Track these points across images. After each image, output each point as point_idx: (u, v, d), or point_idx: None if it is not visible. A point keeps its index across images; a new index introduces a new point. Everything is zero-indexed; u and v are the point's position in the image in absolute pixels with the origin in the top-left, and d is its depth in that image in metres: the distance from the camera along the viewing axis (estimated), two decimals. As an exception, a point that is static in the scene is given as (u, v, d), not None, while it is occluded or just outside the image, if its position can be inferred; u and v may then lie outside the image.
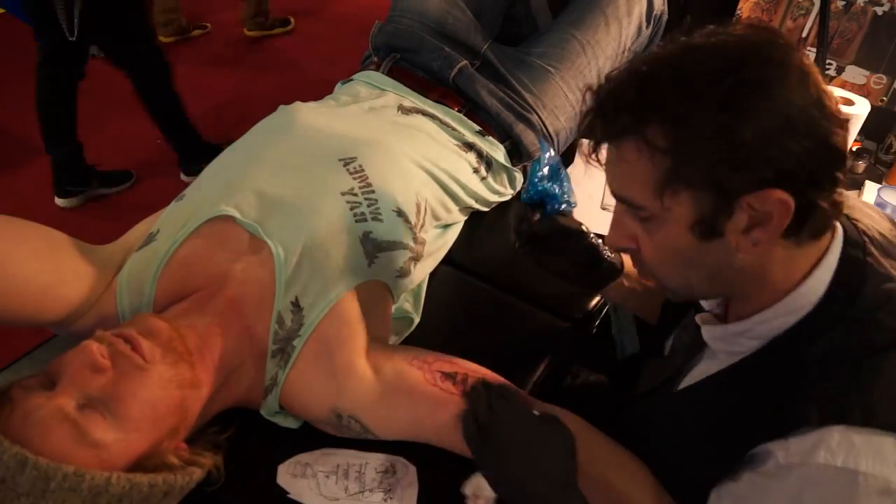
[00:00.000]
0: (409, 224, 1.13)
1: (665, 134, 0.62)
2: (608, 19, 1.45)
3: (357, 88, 1.39)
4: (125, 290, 0.98)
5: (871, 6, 1.62)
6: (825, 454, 0.63)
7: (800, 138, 0.60)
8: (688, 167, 0.62)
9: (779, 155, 0.60)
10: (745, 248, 0.66)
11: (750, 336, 0.73)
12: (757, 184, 0.61)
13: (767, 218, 0.63)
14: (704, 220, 0.65)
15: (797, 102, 0.60)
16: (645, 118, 0.63)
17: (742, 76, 0.60)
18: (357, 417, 0.94)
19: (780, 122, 0.59)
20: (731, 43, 0.63)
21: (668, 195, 0.65)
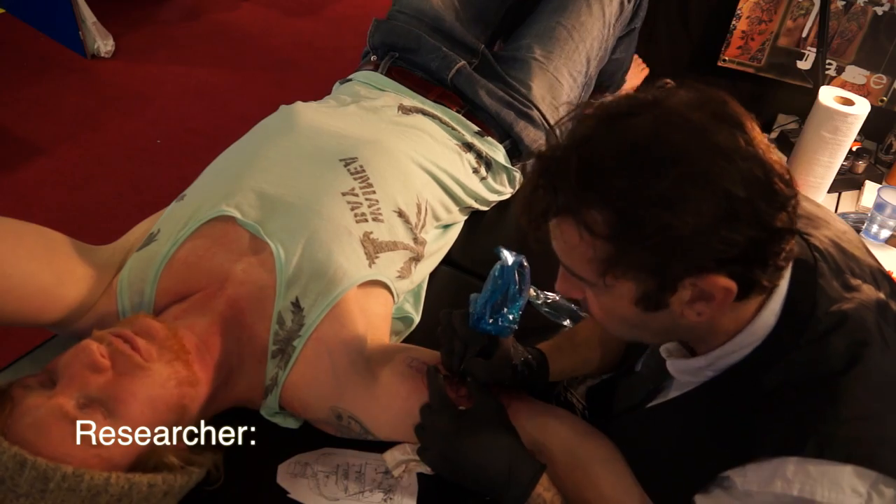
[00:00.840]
0: (410, 224, 1.13)
1: (605, 221, 0.62)
2: (590, 1, 1.46)
3: (356, 88, 1.39)
4: (126, 290, 0.98)
5: (871, 6, 1.62)
6: (781, 484, 0.65)
7: (742, 228, 0.59)
8: (629, 256, 0.62)
9: (720, 246, 0.60)
10: (690, 316, 0.66)
11: (712, 369, 0.74)
12: (699, 270, 0.61)
13: (710, 297, 0.63)
14: (647, 297, 0.65)
15: (740, 194, 0.59)
16: (586, 203, 0.62)
17: (685, 169, 0.59)
18: (357, 418, 0.94)
19: (723, 215, 0.59)
20: (673, 124, 0.61)
21: (610, 277, 0.65)
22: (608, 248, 0.63)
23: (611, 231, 0.62)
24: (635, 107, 0.64)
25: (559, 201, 0.64)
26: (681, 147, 0.60)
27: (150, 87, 2.84)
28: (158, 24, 3.31)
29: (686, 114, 0.61)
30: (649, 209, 0.59)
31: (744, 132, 0.61)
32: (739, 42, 1.79)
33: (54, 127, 2.60)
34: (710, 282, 0.62)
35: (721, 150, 0.60)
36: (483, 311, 0.88)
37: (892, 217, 1.43)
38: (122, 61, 2.95)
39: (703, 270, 0.61)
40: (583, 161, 0.63)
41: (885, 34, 1.62)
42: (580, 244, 0.64)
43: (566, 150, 0.65)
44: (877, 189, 1.51)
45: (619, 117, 0.63)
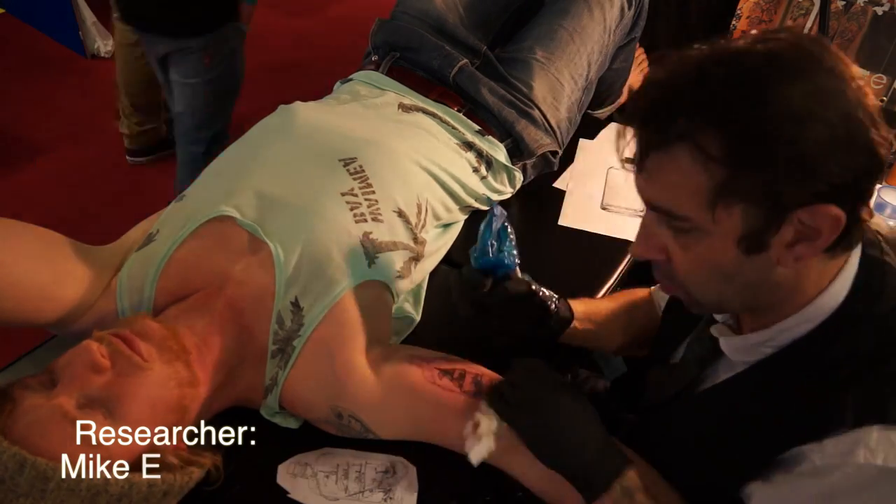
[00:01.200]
0: (410, 224, 1.13)
1: (722, 142, 0.59)
2: (591, 5, 1.48)
3: (357, 88, 1.39)
4: (125, 289, 0.98)
5: (871, 6, 1.62)
6: (865, 453, 0.62)
7: (856, 152, 0.59)
8: (745, 179, 0.60)
9: (837, 169, 0.58)
10: (787, 262, 0.64)
11: (771, 345, 0.72)
12: (813, 198, 0.60)
13: (816, 234, 0.62)
14: (753, 234, 0.63)
15: (855, 115, 0.58)
16: (702, 125, 0.60)
17: (804, 85, 0.58)
18: (357, 417, 0.94)
19: (840, 136, 0.58)
20: (785, 50, 0.60)
21: (720, 207, 0.62)
22: (723, 173, 0.60)
23: (728, 152, 0.59)
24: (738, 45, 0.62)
25: (675, 127, 0.61)
26: (797, 67, 0.59)
27: (150, 87, 2.84)
28: (158, 24, 3.31)
29: (797, 42, 0.61)
30: (773, 124, 0.57)
31: (847, 66, 0.61)
32: (739, 42, 1.79)
33: (54, 127, 2.60)
34: (823, 211, 0.60)
35: (837, 74, 0.59)
36: (484, 247, 0.92)
37: (892, 217, 1.43)
38: (123, 61, 2.94)
39: (818, 198, 0.59)
40: (698, 79, 0.60)
41: (885, 34, 1.63)
42: (691, 171, 0.61)
43: (678, 77, 0.62)
44: (877, 189, 1.51)
45: (725, 52, 0.62)
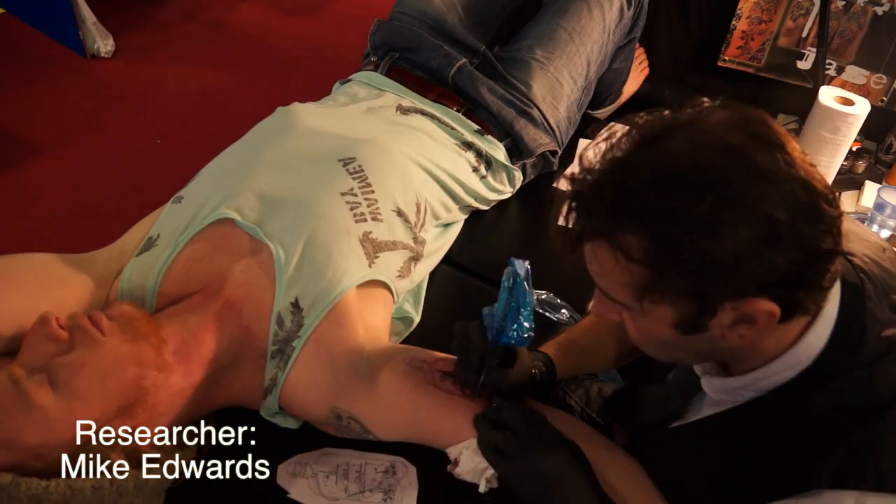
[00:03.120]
0: (409, 224, 1.13)
1: (641, 246, 0.60)
2: (590, 5, 1.48)
3: (355, 89, 1.39)
4: (126, 296, 0.98)
5: (871, 6, 1.62)
6: None
7: (784, 251, 0.58)
8: (667, 279, 0.61)
9: (761, 270, 0.58)
10: (731, 339, 0.65)
11: (751, 390, 0.72)
12: (740, 294, 0.60)
13: (752, 319, 0.62)
14: (686, 321, 0.64)
15: (781, 217, 0.57)
16: (621, 227, 0.61)
17: (723, 193, 0.57)
18: (357, 418, 0.94)
19: (764, 238, 0.57)
20: (711, 146, 0.59)
21: (647, 302, 0.64)
22: (645, 273, 0.62)
23: (647, 256, 0.60)
24: (671, 128, 0.62)
25: (593, 226, 0.64)
26: (719, 170, 0.58)
27: (150, 87, 2.84)
28: (158, 24, 3.31)
29: (724, 135, 0.60)
30: (686, 234, 0.58)
31: (784, 153, 0.59)
32: (739, 42, 1.79)
33: (54, 127, 2.59)
34: (752, 306, 0.60)
35: (761, 173, 0.58)
36: (503, 325, 0.87)
37: (892, 217, 1.43)
38: (122, 61, 2.94)
39: (744, 294, 0.60)
40: (618, 185, 0.62)
41: (885, 34, 1.63)
42: (616, 269, 0.63)
43: (600, 174, 0.63)
44: (877, 189, 1.51)
45: (653, 140, 0.62)
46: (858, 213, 1.54)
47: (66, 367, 0.80)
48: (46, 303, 0.91)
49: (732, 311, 0.62)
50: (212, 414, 0.95)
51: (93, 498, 0.77)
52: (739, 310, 0.61)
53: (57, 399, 0.78)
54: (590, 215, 0.64)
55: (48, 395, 0.78)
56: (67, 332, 0.83)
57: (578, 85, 1.49)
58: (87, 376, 0.80)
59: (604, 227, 0.63)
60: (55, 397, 0.78)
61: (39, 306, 0.89)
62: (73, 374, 0.80)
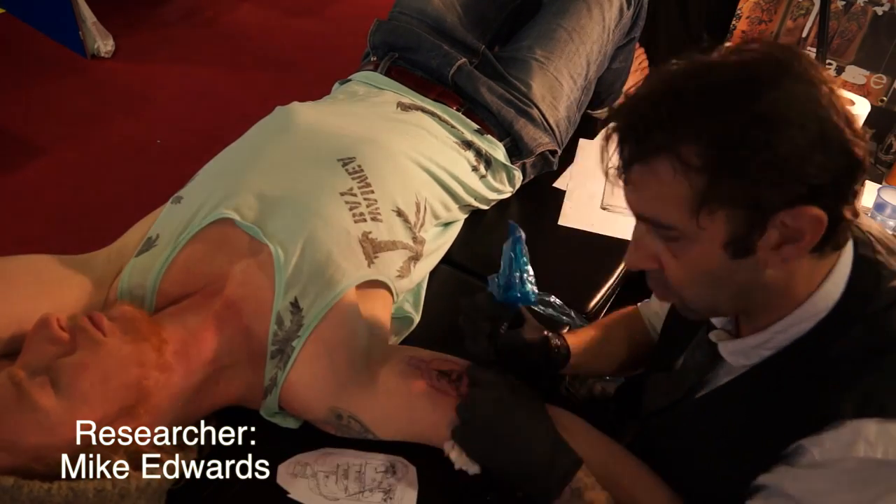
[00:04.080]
0: (409, 224, 1.13)
1: (701, 152, 0.61)
2: (590, 5, 1.48)
3: (355, 88, 1.39)
4: (126, 296, 0.98)
5: (871, 6, 1.62)
6: (864, 447, 0.63)
7: (832, 153, 0.60)
8: (725, 186, 0.62)
9: (814, 171, 0.60)
10: (775, 264, 0.66)
11: (769, 347, 0.73)
12: (792, 200, 0.61)
13: (800, 235, 0.63)
14: (738, 238, 0.64)
15: (829, 117, 0.60)
16: (679, 136, 0.62)
17: (776, 91, 0.60)
18: (357, 417, 0.94)
19: (815, 138, 0.59)
20: (756, 60, 0.62)
21: (703, 214, 0.64)
22: (703, 181, 0.62)
23: (707, 161, 0.61)
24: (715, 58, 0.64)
25: (653, 140, 0.64)
26: (769, 74, 0.61)
27: (150, 87, 2.85)
28: (158, 24, 3.31)
29: (769, 52, 0.63)
30: (747, 130, 0.60)
31: (818, 71, 0.62)
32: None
33: (54, 127, 2.59)
34: (804, 212, 0.61)
35: (808, 79, 0.61)
36: (510, 280, 0.89)
37: (892, 217, 1.43)
38: (122, 61, 2.95)
39: (798, 200, 0.61)
40: (673, 98, 0.63)
41: (885, 34, 1.63)
42: (673, 182, 0.63)
43: (650, 94, 0.65)
44: (877, 189, 1.51)
45: (699, 66, 0.64)
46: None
47: (68, 368, 0.79)
48: (45, 304, 0.91)
49: (780, 229, 0.63)
50: (212, 414, 0.95)
51: (95, 500, 0.77)
52: (787, 225, 0.62)
53: (59, 401, 0.78)
54: (647, 131, 0.64)
55: (50, 396, 0.78)
56: (68, 333, 0.83)
57: (578, 85, 1.49)
58: (90, 378, 0.80)
59: (662, 140, 0.63)
60: (57, 399, 0.78)
61: (38, 308, 0.88)
62: (76, 376, 0.79)
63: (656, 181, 0.65)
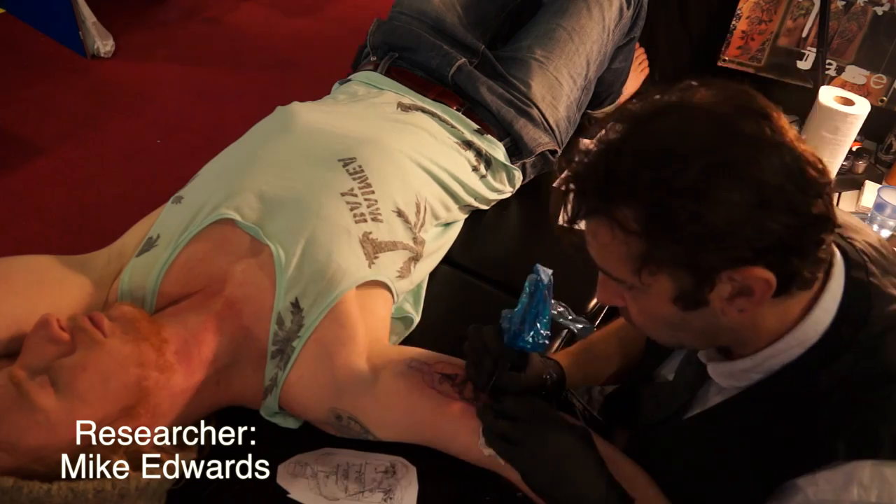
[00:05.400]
0: (409, 224, 1.13)
1: (636, 217, 0.62)
2: (589, 5, 1.48)
3: (355, 88, 1.39)
4: (127, 296, 0.98)
5: (871, 6, 1.62)
6: (858, 491, 0.63)
7: (776, 215, 0.59)
8: (662, 250, 0.62)
9: (754, 235, 0.59)
10: (731, 313, 0.66)
11: (759, 371, 0.72)
12: (735, 261, 0.61)
13: (750, 290, 0.63)
14: (685, 294, 0.65)
15: (770, 181, 0.59)
16: (614, 201, 0.63)
17: (710, 160, 0.59)
18: (357, 418, 0.94)
19: (754, 203, 0.58)
20: (698, 119, 0.61)
21: (645, 274, 0.65)
22: (641, 244, 0.63)
23: (642, 226, 0.62)
24: (661, 109, 0.64)
25: (589, 202, 0.65)
26: (707, 139, 0.60)
27: (150, 87, 2.85)
28: (158, 24, 3.31)
29: (710, 108, 0.62)
30: (678, 201, 0.59)
31: (770, 122, 0.61)
32: (739, 42, 1.79)
33: (54, 127, 2.59)
34: (748, 274, 0.61)
35: (747, 139, 0.60)
36: (521, 329, 0.87)
37: (892, 217, 1.42)
38: (122, 61, 2.95)
39: (739, 262, 0.61)
40: (610, 162, 0.63)
41: (885, 34, 1.62)
42: (613, 242, 0.65)
43: (595, 155, 0.65)
44: (877, 189, 1.51)
45: (644, 121, 0.64)
46: (858, 213, 1.54)
47: (69, 368, 0.79)
48: (45, 305, 0.91)
49: (730, 283, 0.63)
50: (212, 414, 0.95)
51: (95, 500, 0.77)
52: (736, 280, 0.62)
53: (59, 401, 0.78)
54: (585, 193, 0.65)
55: (50, 397, 0.78)
56: (69, 333, 0.82)
57: (578, 84, 1.49)
58: (90, 378, 0.80)
59: (599, 203, 0.65)
60: (57, 399, 0.78)
61: (38, 308, 0.88)
62: (76, 376, 0.79)
63: (601, 237, 0.66)
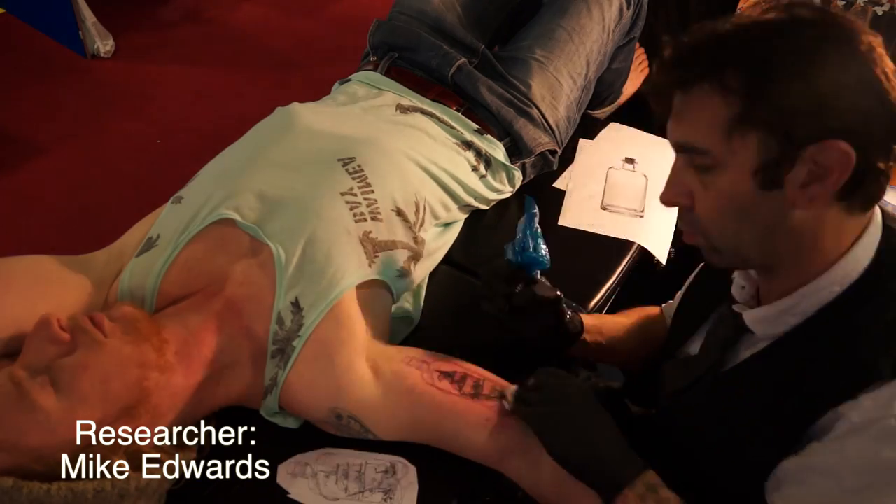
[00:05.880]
0: (409, 223, 1.13)
1: (741, 77, 0.64)
2: (589, 5, 1.48)
3: (355, 88, 1.39)
4: (127, 296, 0.98)
5: (871, 6, 1.62)
6: None
7: (869, 98, 0.63)
8: (760, 109, 0.64)
9: (848, 108, 0.62)
10: (802, 203, 0.67)
11: (795, 313, 0.73)
12: (823, 133, 0.63)
13: (827, 172, 0.64)
14: (768, 166, 0.66)
15: (871, 67, 0.63)
16: (723, 62, 0.66)
17: (824, 31, 0.64)
18: (357, 418, 0.94)
19: (853, 79, 0.62)
20: (807, 9, 0.66)
21: (736, 137, 0.66)
22: (740, 103, 0.65)
23: (745, 84, 0.64)
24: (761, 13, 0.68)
25: (696, 68, 0.67)
26: (815, 19, 0.65)
27: (150, 87, 2.85)
28: (158, 24, 3.31)
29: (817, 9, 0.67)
30: (785, 57, 0.63)
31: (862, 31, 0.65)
32: (739, 42, 1.78)
33: (54, 127, 2.60)
34: (832, 146, 0.63)
35: (852, 30, 0.64)
36: (524, 244, 0.94)
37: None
38: (122, 61, 2.95)
39: (829, 133, 0.63)
40: (719, 33, 0.67)
41: (885, 34, 1.62)
42: (711, 102, 0.67)
43: (700, 30, 0.69)
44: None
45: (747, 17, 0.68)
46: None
47: (69, 368, 0.79)
48: (45, 305, 0.91)
49: (810, 164, 0.64)
50: (212, 414, 0.95)
51: (94, 501, 0.77)
52: (817, 160, 0.64)
53: (59, 401, 0.78)
54: (695, 57, 0.68)
55: (51, 396, 0.78)
56: (69, 333, 0.82)
57: (578, 84, 1.49)
58: (90, 378, 0.80)
59: (706, 66, 0.67)
60: (57, 399, 0.78)
61: (38, 308, 0.88)
62: (76, 376, 0.79)
63: (696, 105, 0.68)
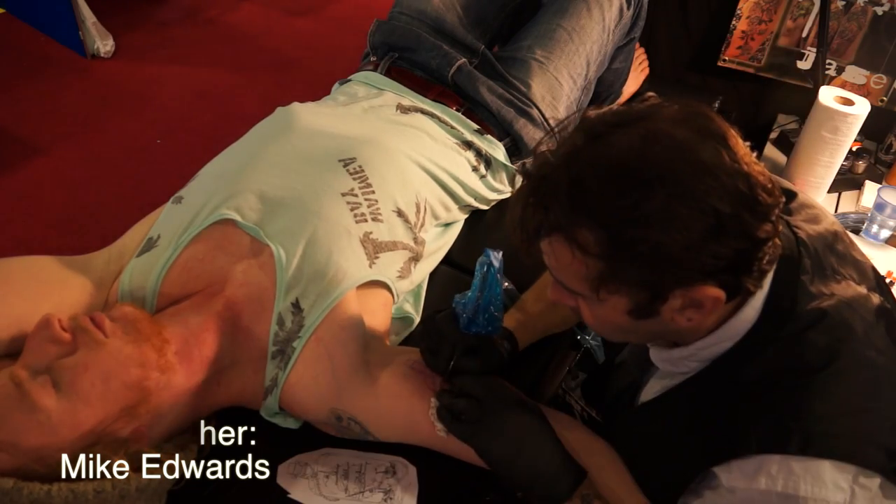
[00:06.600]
0: (409, 224, 1.13)
1: (597, 240, 0.64)
2: (590, 5, 1.48)
3: (355, 88, 1.39)
4: (127, 297, 0.98)
5: (871, 6, 1.62)
6: (766, 480, 0.67)
7: (729, 241, 0.62)
8: (621, 273, 0.65)
9: (709, 260, 0.62)
10: (680, 322, 0.69)
11: (694, 359, 0.77)
12: (689, 281, 0.64)
13: (700, 304, 0.66)
14: (639, 307, 0.68)
15: (726, 210, 0.61)
16: (577, 223, 0.65)
17: (672, 189, 0.61)
18: (357, 419, 0.94)
19: (711, 230, 0.61)
20: (661, 142, 0.63)
21: (603, 292, 0.67)
22: (600, 266, 0.65)
23: (602, 250, 0.64)
24: (622, 123, 0.65)
25: (551, 220, 0.67)
26: (667, 166, 0.62)
27: (150, 87, 2.85)
28: (158, 24, 3.32)
29: (671, 131, 0.64)
30: (639, 229, 0.62)
31: (727, 147, 0.63)
32: (739, 42, 1.79)
33: (54, 127, 2.60)
34: (700, 292, 0.65)
35: (706, 168, 0.62)
36: (475, 316, 0.89)
37: (892, 217, 1.43)
38: (122, 61, 2.95)
39: (693, 282, 0.64)
40: (572, 181, 0.65)
41: (885, 34, 1.63)
42: (573, 262, 0.67)
43: (555, 168, 0.66)
44: (877, 189, 1.51)
45: (605, 134, 0.65)
46: (858, 213, 1.54)
47: (70, 368, 0.79)
48: (46, 305, 0.91)
49: (682, 297, 0.66)
50: (212, 414, 0.95)
51: (95, 501, 0.77)
52: (688, 296, 0.65)
53: (60, 401, 0.78)
54: (547, 210, 0.66)
55: (52, 397, 0.78)
56: (70, 333, 0.82)
57: (578, 85, 1.49)
58: (91, 378, 0.80)
59: (561, 223, 0.66)
60: (58, 399, 0.78)
61: (39, 309, 0.88)
62: (77, 376, 0.79)
63: (559, 255, 0.68)
